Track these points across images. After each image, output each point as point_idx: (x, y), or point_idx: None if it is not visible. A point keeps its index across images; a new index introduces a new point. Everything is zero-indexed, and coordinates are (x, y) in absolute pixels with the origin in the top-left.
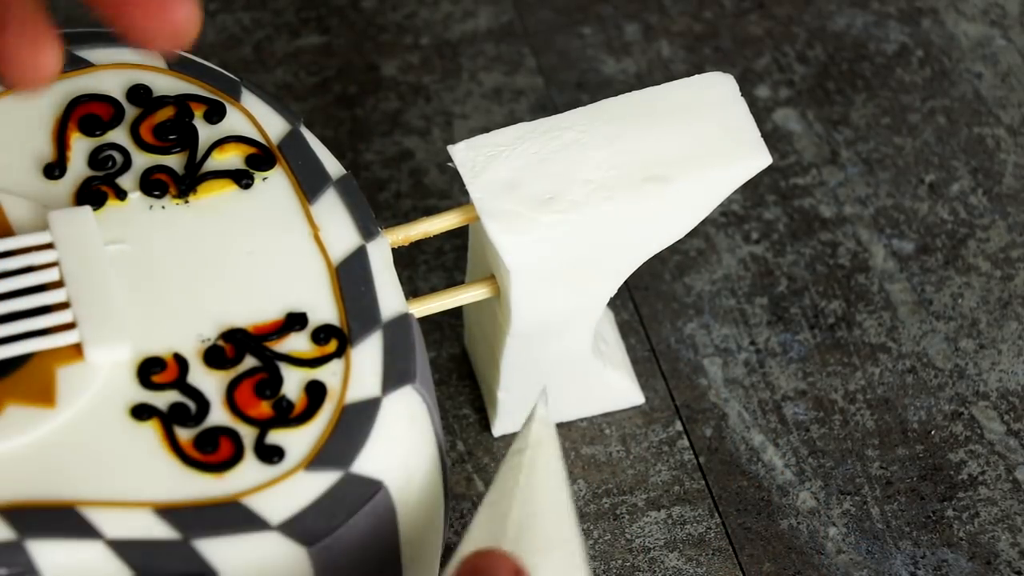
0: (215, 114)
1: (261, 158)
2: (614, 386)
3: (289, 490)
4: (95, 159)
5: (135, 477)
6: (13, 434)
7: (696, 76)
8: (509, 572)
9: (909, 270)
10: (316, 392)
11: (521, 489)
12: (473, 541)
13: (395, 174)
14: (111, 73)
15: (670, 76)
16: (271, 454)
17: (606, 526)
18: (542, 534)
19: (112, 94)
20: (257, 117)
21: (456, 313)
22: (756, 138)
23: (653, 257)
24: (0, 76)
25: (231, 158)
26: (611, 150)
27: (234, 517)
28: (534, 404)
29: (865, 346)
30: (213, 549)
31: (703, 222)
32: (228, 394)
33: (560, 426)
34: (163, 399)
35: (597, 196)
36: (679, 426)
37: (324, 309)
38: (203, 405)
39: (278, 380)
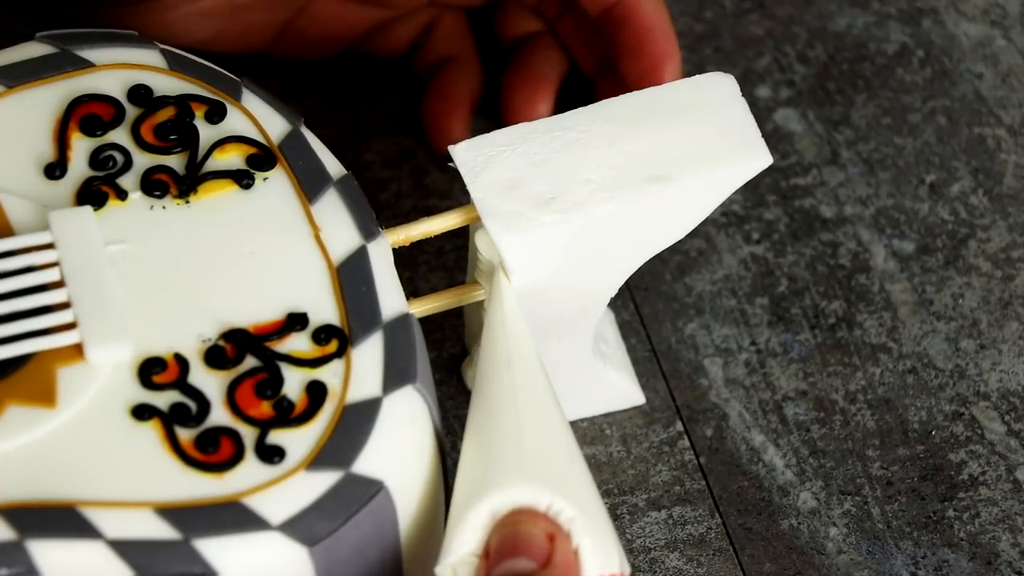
0: (216, 114)
1: (262, 158)
2: (615, 386)
3: (290, 490)
4: (96, 159)
5: (136, 477)
6: (14, 434)
7: (696, 76)
8: (545, 536)
9: (910, 270)
10: (317, 392)
11: (520, 410)
12: (486, 480)
13: (396, 174)
14: (112, 73)
15: None
16: (272, 454)
17: None
18: (554, 459)
19: (113, 94)
20: (258, 117)
21: (456, 313)
22: (757, 138)
23: (653, 257)
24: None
25: (232, 158)
26: (612, 150)
27: (235, 517)
28: (496, 285)
29: (866, 346)
30: (214, 549)
31: (704, 222)
32: (229, 394)
33: None
34: (164, 399)
35: (598, 196)
36: (680, 426)
37: (325, 309)
38: (204, 405)
39: (279, 380)
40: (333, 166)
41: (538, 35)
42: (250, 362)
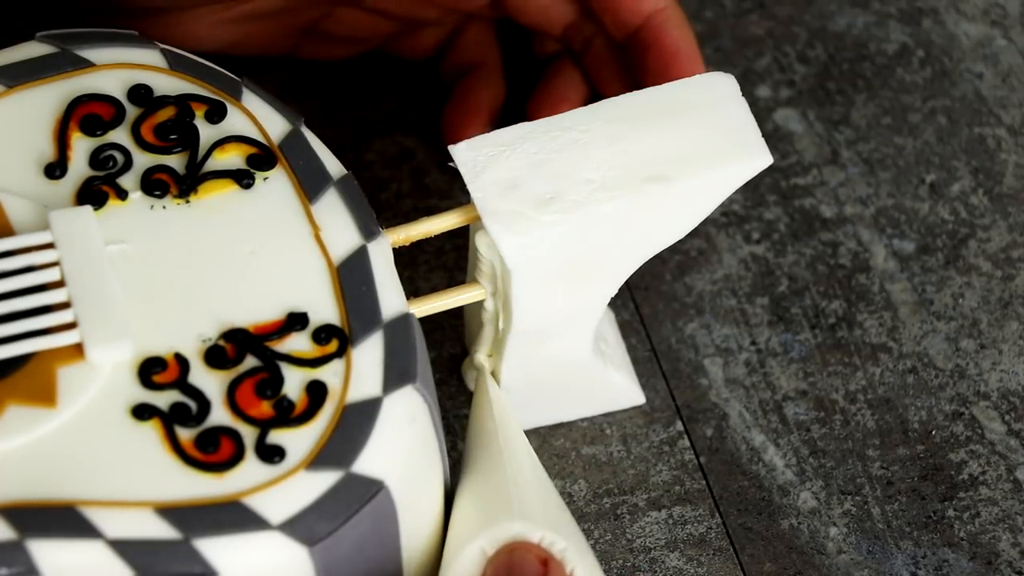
0: (216, 114)
1: (262, 158)
2: (615, 386)
3: (290, 490)
4: (96, 159)
5: (136, 477)
6: (14, 434)
7: (696, 76)
8: (539, 561)
9: (910, 270)
10: (317, 392)
11: (507, 467)
12: (479, 524)
13: (396, 174)
14: (112, 73)
15: None
16: (272, 454)
17: (607, 526)
18: (542, 505)
19: (113, 94)
20: (258, 117)
21: (456, 313)
22: (757, 138)
23: (654, 257)
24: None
25: (232, 158)
26: (612, 150)
27: (235, 517)
28: (481, 377)
29: (866, 346)
30: (214, 549)
31: (704, 222)
32: (229, 394)
33: (561, 426)
34: (164, 399)
35: (598, 196)
36: (680, 426)
37: (325, 309)
38: (204, 405)
39: (279, 380)
40: (333, 166)
41: (566, 54)
42: (250, 362)
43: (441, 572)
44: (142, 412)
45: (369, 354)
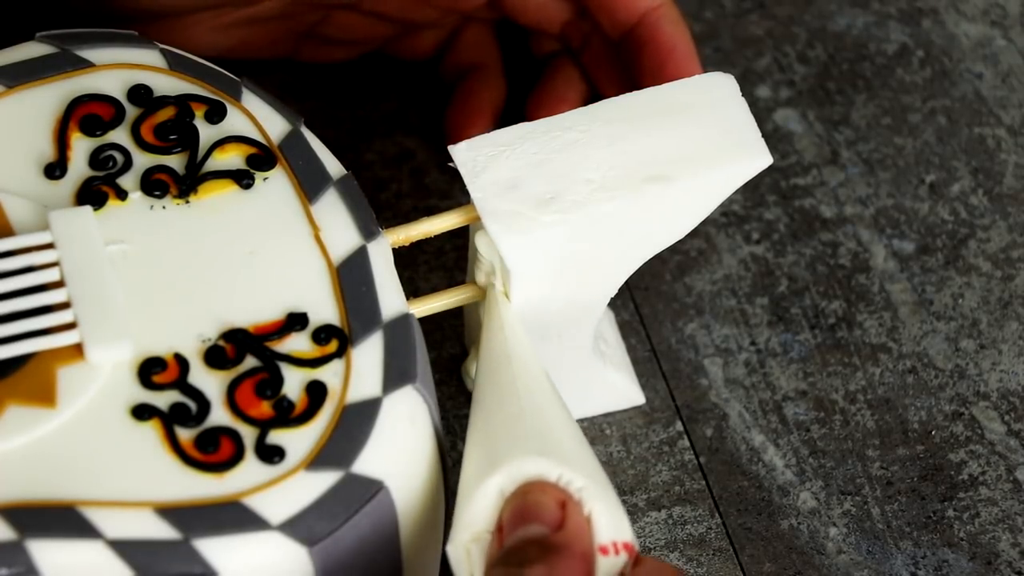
0: (216, 114)
1: (262, 158)
2: (615, 386)
3: (290, 490)
4: (96, 159)
5: (135, 477)
6: (14, 434)
7: (696, 76)
8: (557, 504)
9: (910, 270)
10: (317, 392)
11: (522, 396)
12: (493, 460)
13: (396, 174)
14: (112, 73)
15: None
16: (272, 454)
17: None
18: (559, 438)
19: (113, 94)
20: (258, 117)
21: (456, 313)
22: (757, 138)
23: (653, 257)
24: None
25: (232, 158)
26: (612, 150)
27: (235, 517)
28: (491, 295)
29: (866, 346)
30: (214, 549)
31: (703, 222)
32: (229, 394)
33: None
34: (164, 399)
35: (598, 196)
36: (680, 426)
37: (325, 309)
38: (204, 405)
39: (279, 380)
40: (333, 166)
41: (564, 54)
42: (250, 362)
43: (456, 511)
44: (142, 412)
45: (369, 354)
